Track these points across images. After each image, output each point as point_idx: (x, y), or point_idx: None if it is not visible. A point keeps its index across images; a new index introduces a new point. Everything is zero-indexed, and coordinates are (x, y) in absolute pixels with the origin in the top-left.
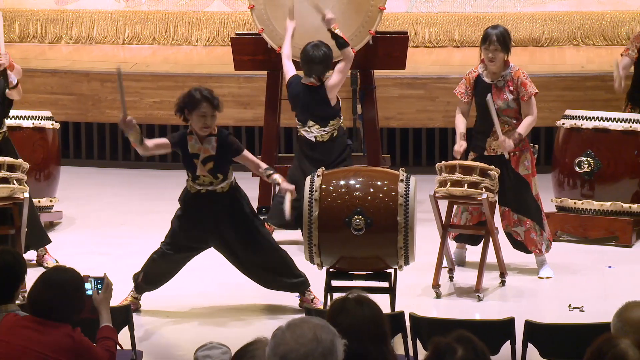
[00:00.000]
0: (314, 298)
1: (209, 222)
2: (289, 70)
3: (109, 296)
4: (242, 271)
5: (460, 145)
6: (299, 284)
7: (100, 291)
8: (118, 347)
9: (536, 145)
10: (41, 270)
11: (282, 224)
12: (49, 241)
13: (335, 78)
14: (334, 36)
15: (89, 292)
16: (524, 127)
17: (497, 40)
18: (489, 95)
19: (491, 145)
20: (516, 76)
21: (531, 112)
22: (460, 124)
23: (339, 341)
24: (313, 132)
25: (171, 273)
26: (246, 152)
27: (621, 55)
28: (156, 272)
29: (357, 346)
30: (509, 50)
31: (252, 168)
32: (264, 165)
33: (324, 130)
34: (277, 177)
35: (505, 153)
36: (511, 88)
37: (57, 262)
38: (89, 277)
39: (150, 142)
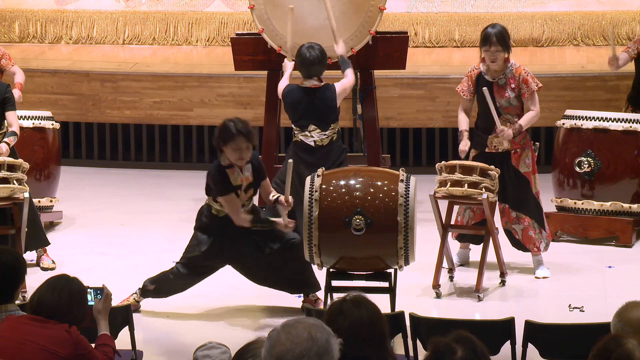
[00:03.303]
0: (317, 299)
1: (235, 245)
2: (279, 91)
3: (108, 306)
4: (258, 282)
5: (465, 144)
6: (311, 285)
7: (100, 301)
8: (116, 355)
9: (537, 143)
10: (39, 270)
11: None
12: (48, 243)
13: (343, 86)
14: (341, 60)
15: (90, 303)
16: (525, 119)
17: (498, 41)
18: (485, 88)
19: (492, 142)
20: (517, 73)
21: (533, 108)
22: (463, 121)
23: (334, 340)
24: (313, 136)
25: (182, 289)
26: (267, 180)
27: (622, 52)
28: (168, 287)
29: (356, 348)
30: (509, 49)
31: (265, 194)
32: (273, 194)
33: (325, 134)
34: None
35: (505, 142)
36: (512, 85)
37: (53, 262)
38: (88, 287)
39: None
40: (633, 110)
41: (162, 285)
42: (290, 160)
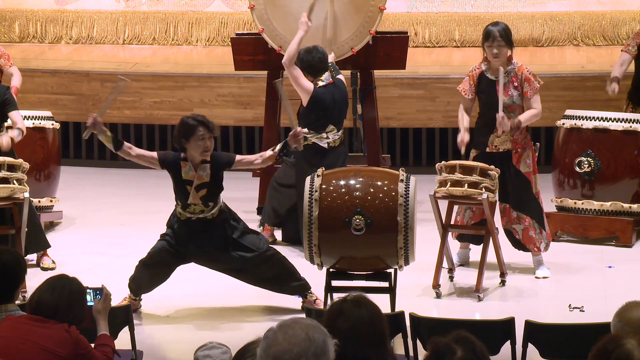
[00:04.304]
0: (316, 299)
1: (201, 248)
2: (306, 84)
3: (107, 306)
4: (242, 280)
5: (462, 135)
6: (299, 287)
7: (100, 301)
8: (116, 355)
9: (537, 143)
10: (40, 271)
11: (277, 223)
12: (48, 246)
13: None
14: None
15: (90, 303)
16: (525, 116)
17: (501, 36)
18: (501, 69)
19: (493, 142)
20: (520, 72)
21: (535, 107)
22: (464, 120)
23: (330, 341)
24: (329, 137)
25: (160, 277)
26: (239, 157)
27: (622, 51)
28: (144, 278)
29: (356, 348)
30: (512, 45)
31: (255, 164)
32: (264, 154)
33: (338, 135)
34: (279, 145)
35: (499, 130)
36: (515, 84)
37: (53, 262)
38: (87, 288)
39: (134, 150)
40: (633, 107)
41: (138, 277)
42: (278, 80)
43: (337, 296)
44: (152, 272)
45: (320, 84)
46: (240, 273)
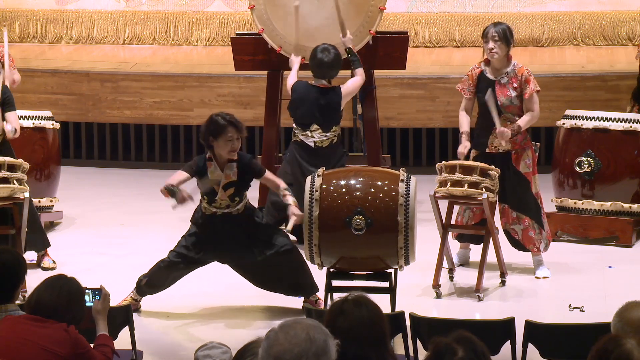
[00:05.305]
0: (317, 300)
1: (225, 243)
2: (290, 81)
3: (106, 307)
4: (255, 284)
5: (464, 146)
6: (310, 287)
7: (99, 301)
8: (115, 355)
9: (537, 143)
10: (40, 270)
11: (278, 217)
12: (49, 244)
13: (349, 88)
14: (351, 55)
15: (89, 304)
16: (524, 120)
17: (497, 32)
18: (489, 91)
19: (493, 143)
20: (520, 73)
21: (533, 109)
22: (464, 123)
23: (332, 341)
24: (314, 137)
25: (174, 280)
26: (268, 174)
27: (636, 58)
28: (160, 278)
29: (357, 348)
30: (510, 44)
31: (273, 187)
32: (282, 185)
33: (325, 136)
34: (291, 200)
35: (503, 142)
36: (515, 85)
37: (54, 262)
38: (86, 288)
39: (181, 186)
40: (638, 109)
41: (154, 277)
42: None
43: (337, 296)
44: (175, 272)
45: (316, 83)
46: (255, 271)
